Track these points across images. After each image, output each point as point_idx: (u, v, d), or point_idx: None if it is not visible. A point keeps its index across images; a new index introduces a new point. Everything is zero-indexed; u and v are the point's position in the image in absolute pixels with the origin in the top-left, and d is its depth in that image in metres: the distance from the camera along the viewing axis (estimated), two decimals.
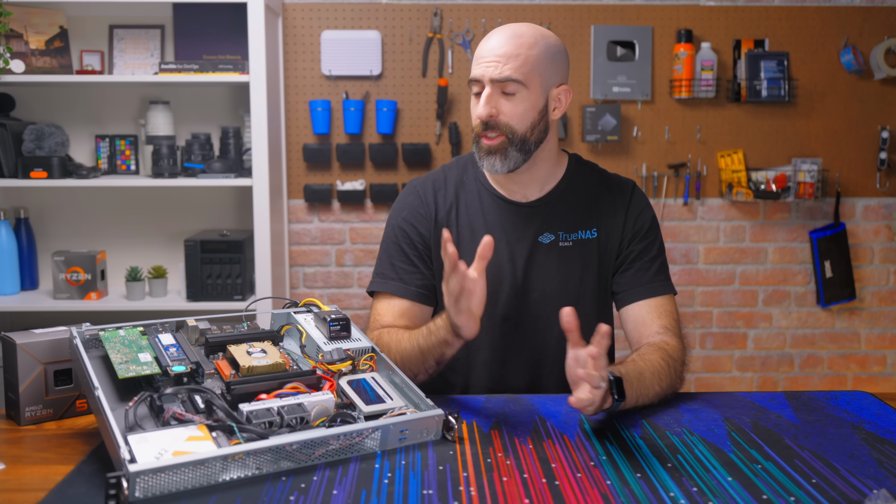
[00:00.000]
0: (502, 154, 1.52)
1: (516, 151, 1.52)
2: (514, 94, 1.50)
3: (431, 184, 1.65)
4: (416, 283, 1.60)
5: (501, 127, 1.51)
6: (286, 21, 3.12)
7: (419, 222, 1.62)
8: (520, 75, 1.48)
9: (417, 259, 1.61)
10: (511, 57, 1.48)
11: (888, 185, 3.25)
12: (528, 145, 1.53)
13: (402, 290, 1.60)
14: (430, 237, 1.61)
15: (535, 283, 1.59)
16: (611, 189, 1.64)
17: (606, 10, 3.14)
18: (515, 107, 1.50)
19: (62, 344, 1.35)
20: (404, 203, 1.65)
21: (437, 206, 1.62)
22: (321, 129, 3.11)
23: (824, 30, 3.17)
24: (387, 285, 1.61)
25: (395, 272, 1.61)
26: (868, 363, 3.33)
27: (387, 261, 1.62)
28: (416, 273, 1.60)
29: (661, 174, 3.21)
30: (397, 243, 1.62)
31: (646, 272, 1.59)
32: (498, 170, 1.53)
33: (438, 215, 1.62)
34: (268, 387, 1.22)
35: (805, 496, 1.06)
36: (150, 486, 1.03)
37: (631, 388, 1.33)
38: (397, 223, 1.63)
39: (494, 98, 1.50)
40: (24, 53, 2.83)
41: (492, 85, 1.49)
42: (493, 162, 1.53)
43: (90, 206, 3.10)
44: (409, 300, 1.60)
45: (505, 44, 1.49)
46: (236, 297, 2.84)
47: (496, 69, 1.48)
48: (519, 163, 1.54)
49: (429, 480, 1.10)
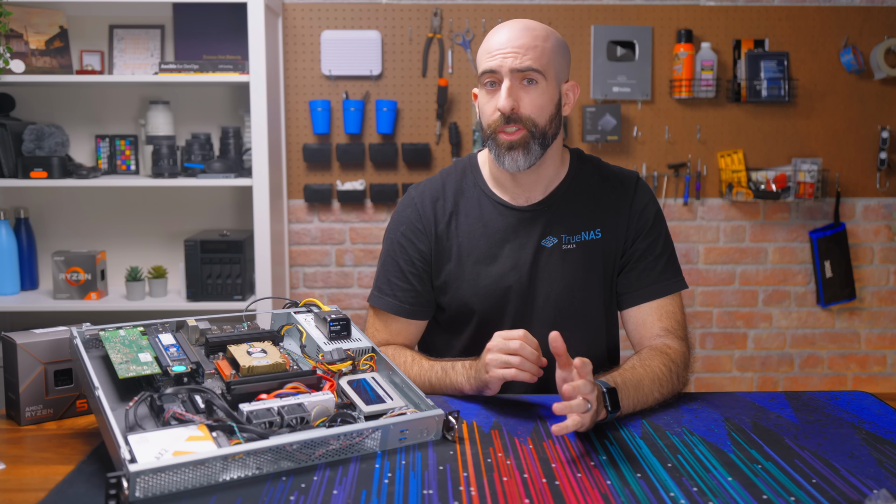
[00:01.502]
0: (525, 148, 1.48)
1: (537, 146, 1.49)
2: (535, 86, 1.47)
3: (430, 194, 1.62)
4: (411, 300, 1.61)
5: (524, 120, 1.47)
6: (286, 21, 3.12)
7: (417, 238, 1.60)
8: (539, 66, 1.46)
9: (413, 277, 1.60)
10: (530, 48, 1.46)
11: (888, 185, 3.25)
12: (546, 139, 1.51)
13: (397, 308, 1.61)
14: (430, 252, 1.60)
15: (540, 288, 1.58)
16: (614, 186, 1.61)
17: (606, 10, 3.14)
18: (535, 99, 1.48)
19: (62, 344, 1.35)
20: (402, 217, 1.63)
21: (437, 218, 1.60)
22: (321, 129, 3.11)
23: (824, 30, 3.17)
24: (382, 301, 1.62)
25: (390, 288, 1.61)
26: (868, 363, 3.33)
27: (384, 276, 1.63)
28: (410, 291, 1.60)
29: (661, 174, 3.21)
30: (394, 259, 1.62)
31: (650, 272, 1.57)
32: (521, 166, 1.50)
33: (438, 228, 1.60)
34: (268, 387, 1.22)
35: (805, 496, 1.06)
36: (150, 486, 1.03)
37: (627, 398, 1.32)
38: (395, 238, 1.62)
39: (515, 91, 1.47)
40: (24, 53, 2.83)
41: (511, 76, 1.46)
42: (516, 157, 1.49)
43: (90, 206, 3.10)
44: (404, 318, 1.62)
45: (521, 35, 1.47)
46: (236, 297, 2.84)
47: (516, 59, 1.45)
48: (538, 157, 1.51)
49: (429, 480, 1.10)
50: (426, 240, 1.60)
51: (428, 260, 1.60)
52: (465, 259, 1.58)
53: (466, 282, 1.58)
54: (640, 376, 1.37)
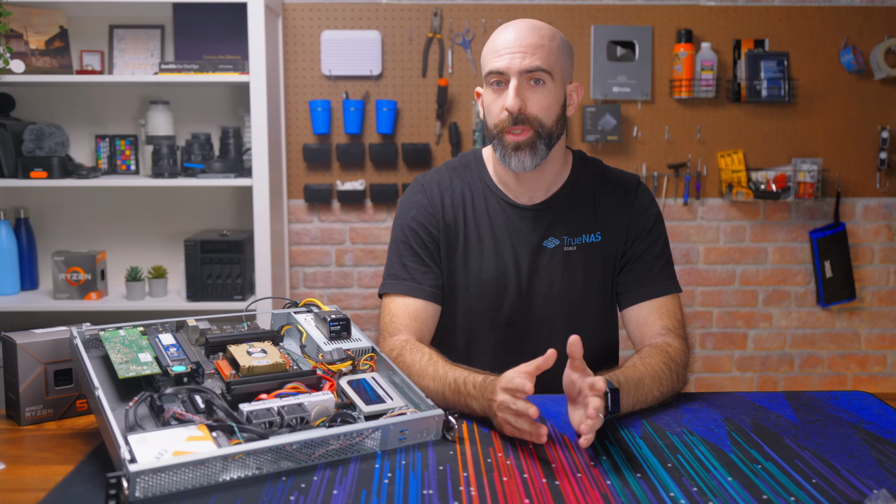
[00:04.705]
0: (531, 149, 1.48)
1: (544, 146, 1.49)
2: (542, 85, 1.47)
3: (437, 183, 1.63)
4: (430, 282, 1.58)
5: (531, 120, 1.47)
6: (286, 21, 3.12)
7: (428, 221, 1.60)
8: (547, 66, 1.46)
9: (428, 258, 1.59)
10: (537, 47, 1.46)
11: (888, 185, 3.25)
12: (552, 140, 1.51)
13: (417, 290, 1.57)
14: (439, 236, 1.60)
15: (540, 288, 1.58)
16: (615, 189, 1.62)
17: (606, 10, 3.14)
18: (542, 99, 1.48)
19: (62, 344, 1.34)
20: (412, 202, 1.63)
21: (444, 206, 1.60)
22: (321, 129, 3.11)
23: (824, 30, 3.17)
24: (400, 286, 1.58)
25: (407, 272, 1.58)
26: (868, 363, 3.33)
27: (398, 261, 1.60)
28: (428, 272, 1.58)
29: (661, 174, 3.21)
30: (407, 243, 1.59)
31: (649, 272, 1.58)
32: (527, 166, 1.50)
33: (446, 216, 1.60)
34: (268, 387, 1.22)
35: (805, 496, 1.06)
36: (150, 486, 1.03)
37: (628, 396, 1.32)
38: (406, 223, 1.61)
39: (523, 90, 1.47)
40: (24, 53, 2.83)
41: (519, 76, 1.46)
42: (523, 158, 1.49)
43: (90, 206, 3.10)
44: (423, 300, 1.57)
45: (528, 35, 1.47)
46: (236, 297, 2.83)
47: (524, 59, 1.45)
48: (544, 157, 1.51)
49: (429, 480, 1.10)
50: (436, 224, 1.60)
51: (438, 244, 1.60)
52: (471, 252, 1.58)
53: (467, 275, 1.59)
54: (641, 375, 1.37)
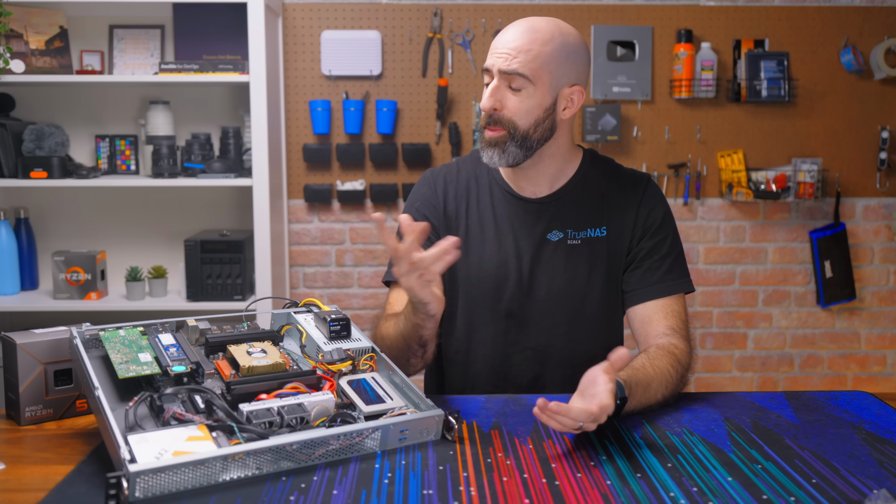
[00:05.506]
0: (501, 148, 1.51)
1: (515, 147, 1.51)
2: (520, 90, 1.49)
3: (444, 177, 1.67)
4: None
5: (504, 122, 1.50)
6: (286, 21, 3.12)
7: (430, 213, 1.63)
8: (527, 70, 1.47)
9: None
10: (522, 51, 1.47)
11: (888, 185, 3.25)
12: (529, 142, 1.52)
13: None
14: (441, 228, 1.63)
15: (542, 281, 1.59)
16: (623, 185, 1.63)
17: (606, 10, 3.14)
18: (520, 102, 1.49)
19: (62, 344, 1.34)
20: (418, 194, 1.67)
21: (447, 198, 1.64)
22: (321, 129, 3.11)
23: (824, 30, 3.17)
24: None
25: None
26: (868, 363, 3.33)
27: None
28: None
29: (661, 174, 3.21)
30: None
31: (655, 271, 1.57)
32: (496, 162, 1.54)
33: (448, 208, 1.63)
34: (268, 387, 1.22)
35: (805, 496, 1.06)
36: (150, 486, 1.03)
37: (634, 398, 1.33)
38: (410, 213, 1.65)
39: (501, 91, 1.50)
40: (24, 53, 2.83)
41: (500, 77, 1.49)
42: (492, 154, 1.53)
43: (90, 206, 3.10)
44: None
45: (519, 37, 1.48)
46: (236, 297, 2.84)
47: (505, 61, 1.47)
48: (519, 159, 1.53)
49: (429, 480, 1.10)
50: (437, 215, 1.63)
51: (439, 235, 1.61)
52: (469, 241, 1.60)
53: (468, 264, 1.60)
54: (649, 377, 1.37)
